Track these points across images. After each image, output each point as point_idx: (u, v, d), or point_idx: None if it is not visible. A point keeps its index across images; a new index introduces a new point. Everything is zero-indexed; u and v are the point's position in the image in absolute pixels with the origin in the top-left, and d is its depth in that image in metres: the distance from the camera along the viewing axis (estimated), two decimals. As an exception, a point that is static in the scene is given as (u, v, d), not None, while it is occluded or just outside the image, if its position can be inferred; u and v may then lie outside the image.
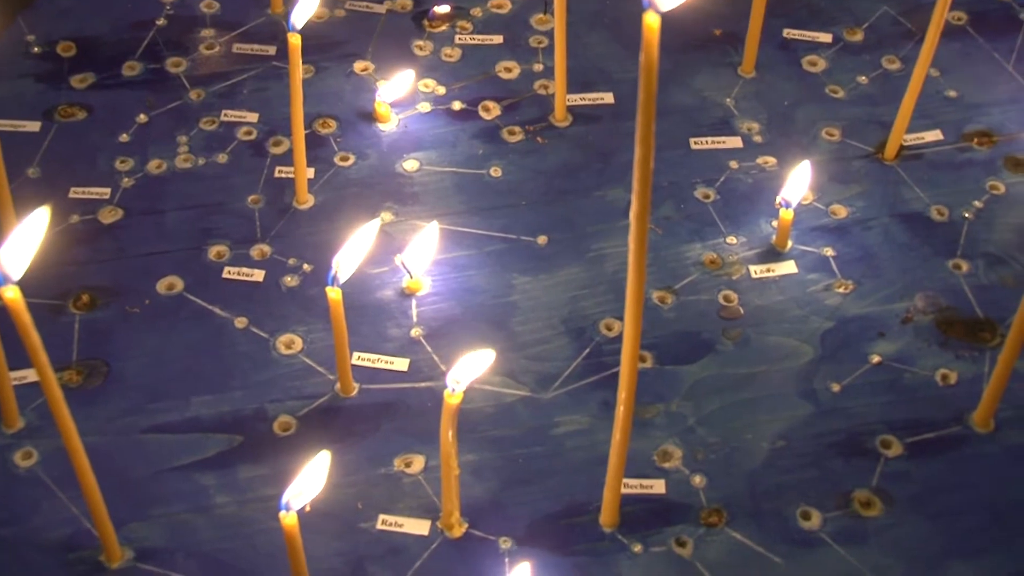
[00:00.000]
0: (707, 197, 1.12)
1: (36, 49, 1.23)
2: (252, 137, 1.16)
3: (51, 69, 1.21)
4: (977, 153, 1.16)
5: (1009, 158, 1.15)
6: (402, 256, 1.04)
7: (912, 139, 1.16)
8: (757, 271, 1.07)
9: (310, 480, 0.78)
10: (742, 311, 1.04)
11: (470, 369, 0.82)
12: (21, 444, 0.95)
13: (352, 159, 1.15)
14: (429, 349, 1.01)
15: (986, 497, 0.93)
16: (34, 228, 0.74)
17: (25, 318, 0.74)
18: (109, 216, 1.10)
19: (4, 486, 0.93)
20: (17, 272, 0.73)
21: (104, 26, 1.25)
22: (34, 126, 1.16)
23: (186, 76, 1.21)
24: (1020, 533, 0.91)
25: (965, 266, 1.07)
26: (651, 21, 0.64)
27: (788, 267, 1.07)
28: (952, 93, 1.20)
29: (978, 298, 1.05)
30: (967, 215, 1.11)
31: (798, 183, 1.05)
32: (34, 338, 0.75)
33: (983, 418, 0.97)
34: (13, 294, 0.73)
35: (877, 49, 1.25)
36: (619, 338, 0.98)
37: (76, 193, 1.11)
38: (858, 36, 1.26)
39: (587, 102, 1.20)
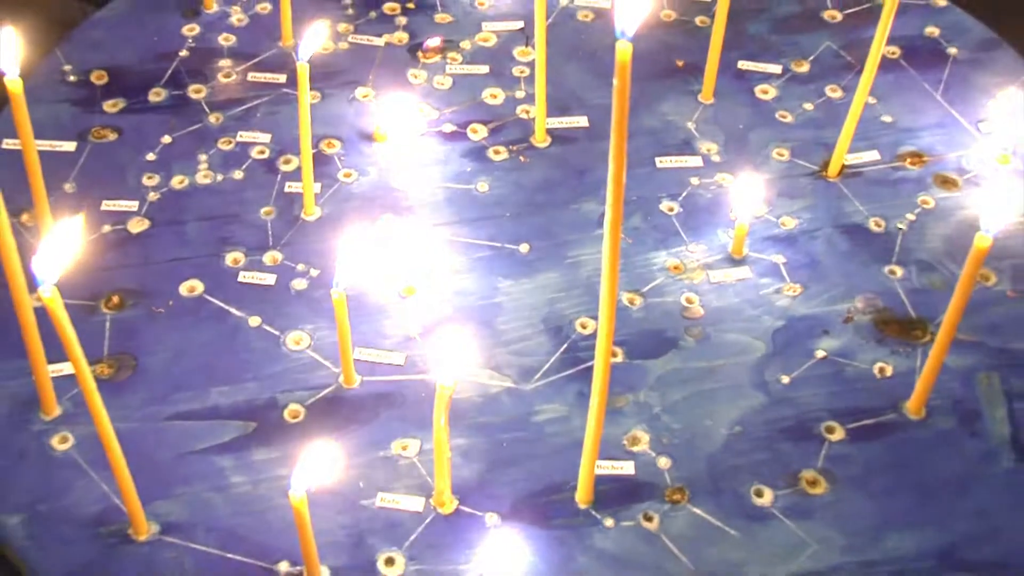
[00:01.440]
0: (671, 210, 1.12)
1: (72, 77, 1.23)
2: (265, 156, 1.16)
3: (85, 95, 1.21)
4: (910, 172, 1.16)
5: (938, 176, 1.16)
6: (387, 259, 1.04)
7: (852, 159, 1.16)
8: (716, 276, 1.07)
9: (318, 463, 0.78)
10: (702, 311, 1.04)
11: (456, 354, 0.81)
12: (58, 429, 0.95)
13: (354, 175, 1.15)
14: (423, 345, 1.01)
15: (918, 477, 0.93)
16: (69, 234, 0.74)
17: (62, 317, 0.74)
18: (137, 226, 1.09)
19: (42, 467, 0.92)
20: (55, 275, 0.73)
21: (133, 57, 1.25)
22: (70, 146, 1.16)
23: (206, 101, 1.21)
24: (948, 509, 0.92)
25: (900, 272, 1.08)
26: (623, 49, 0.64)
27: (743, 272, 1.07)
28: (888, 118, 1.21)
29: (911, 300, 1.05)
30: (901, 226, 1.11)
31: (745, 197, 1.06)
32: (70, 335, 0.75)
33: (916, 406, 0.97)
34: (51, 295, 0.72)
35: (821, 79, 1.25)
36: (593, 335, 0.98)
37: (107, 206, 1.11)
38: (804, 68, 1.26)
39: (564, 125, 1.20)
